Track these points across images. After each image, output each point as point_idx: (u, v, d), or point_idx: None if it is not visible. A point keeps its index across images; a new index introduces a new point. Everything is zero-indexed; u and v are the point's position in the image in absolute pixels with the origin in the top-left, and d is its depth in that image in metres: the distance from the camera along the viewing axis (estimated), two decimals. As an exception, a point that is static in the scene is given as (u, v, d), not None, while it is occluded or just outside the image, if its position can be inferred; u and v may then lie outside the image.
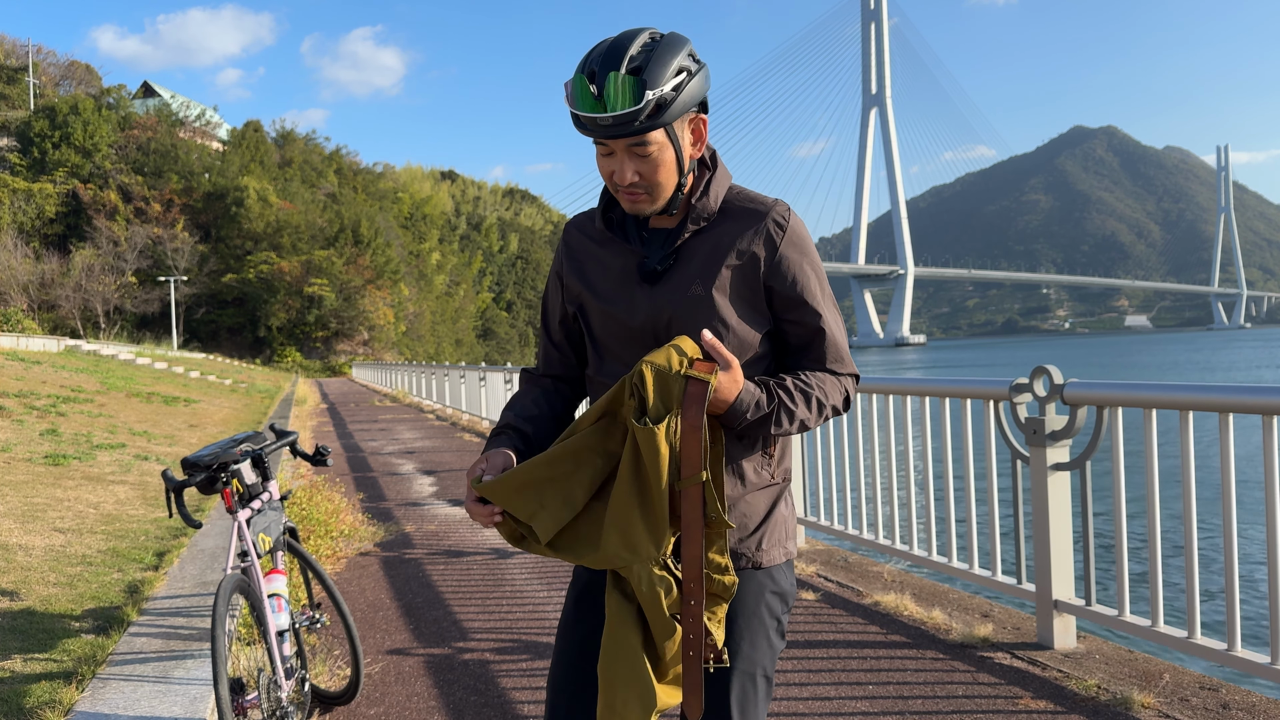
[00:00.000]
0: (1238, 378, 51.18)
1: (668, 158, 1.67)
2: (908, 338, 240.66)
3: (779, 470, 1.82)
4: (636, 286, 1.75)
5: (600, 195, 1.83)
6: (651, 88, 1.57)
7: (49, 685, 3.55)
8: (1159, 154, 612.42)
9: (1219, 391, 3.34)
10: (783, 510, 1.82)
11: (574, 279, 1.84)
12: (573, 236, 1.88)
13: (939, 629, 4.20)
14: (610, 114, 1.58)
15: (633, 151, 1.65)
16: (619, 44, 1.60)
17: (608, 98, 1.57)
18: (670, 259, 1.74)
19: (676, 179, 1.70)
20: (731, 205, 1.76)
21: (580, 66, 1.62)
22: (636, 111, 1.57)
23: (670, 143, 1.66)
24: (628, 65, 1.58)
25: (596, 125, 1.61)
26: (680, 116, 1.65)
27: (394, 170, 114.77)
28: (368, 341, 72.74)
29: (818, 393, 1.73)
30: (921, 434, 4.85)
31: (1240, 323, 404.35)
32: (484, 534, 6.86)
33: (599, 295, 1.79)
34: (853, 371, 1.81)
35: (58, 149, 69.96)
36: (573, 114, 1.63)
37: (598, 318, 1.81)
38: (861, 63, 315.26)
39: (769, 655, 1.78)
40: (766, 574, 1.78)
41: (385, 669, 3.98)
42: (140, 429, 13.91)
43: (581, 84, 1.60)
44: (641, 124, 1.59)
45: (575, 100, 1.61)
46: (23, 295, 56.90)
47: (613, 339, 1.79)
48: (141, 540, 6.43)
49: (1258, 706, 3.22)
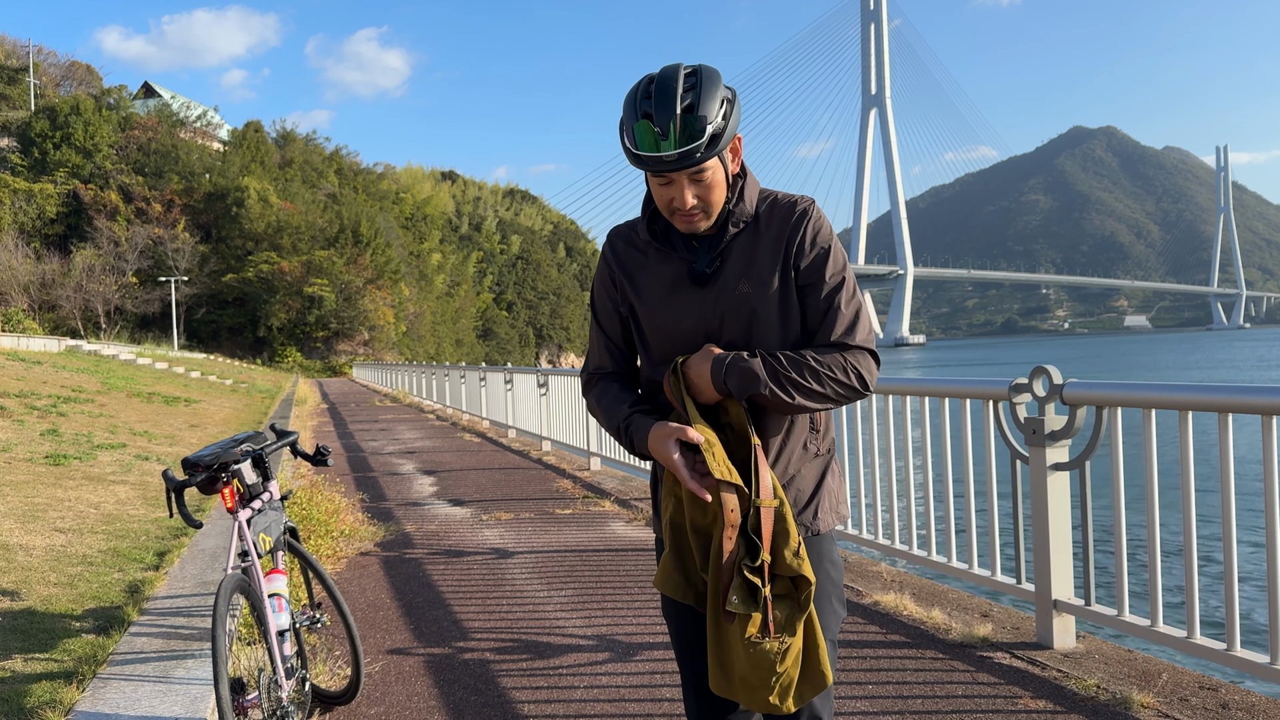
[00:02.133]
0: (1237, 377, 51.17)
1: (719, 179, 1.85)
2: (907, 338, 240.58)
3: (824, 442, 1.98)
4: (688, 290, 1.91)
5: (643, 206, 1.98)
6: (709, 123, 1.75)
7: (49, 685, 3.56)
8: (1158, 154, 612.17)
9: (1218, 391, 3.34)
10: (830, 481, 1.98)
11: (626, 286, 2.00)
12: (619, 247, 2.03)
13: (938, 629, 4.20)
14: (675, 151, 1.75)
15: (692, 179, 1.81)
16: (666, 85, 1.76)
17: (671, 137, 1.74)
18: (716, 261, 1.90)
19: (725, 195, 1.88)
20: (764, 206, 1.93)
21: (634, 111, 1.78)
22: (698, 146, 1.75)
23: (721, 165, 1.84)
24: (682, 105, 1.74)
25: (662, 163, 1.76)
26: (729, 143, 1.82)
27: (394, 170, 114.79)
28: (368, 342, 72.73)
29: (813, 362, 1.82)
30: (921, 434, 4.85)
31: (1240, 323, 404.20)
32: (484, 534, 6.87)
33: (650, 301, 1.95)
34: (864, 346, 1.87)
35: (58, 149, 69.96)
36: (634, 155, 1.79)
37: (649, 322, 1.97)
38: (861, 63, 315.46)
39: (835, 621, 1.95)
40: (823, 542, 1.96)
41: (385, 669, 3.99)
42: (141, 429, 13.91)
43: (645, 128, 1.76)
44: (702, 155, 1.77)
45: (639, 143, 1.77)
46: (23, 295, 56.92)
47: (665, 340, 1.95)
48: (142, 540, 6.43)
49: (1257, 706, 3.23)
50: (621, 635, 4.29)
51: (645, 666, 3.85)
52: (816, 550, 1.93)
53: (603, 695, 3.58)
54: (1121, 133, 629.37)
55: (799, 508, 1.93)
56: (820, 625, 1.87)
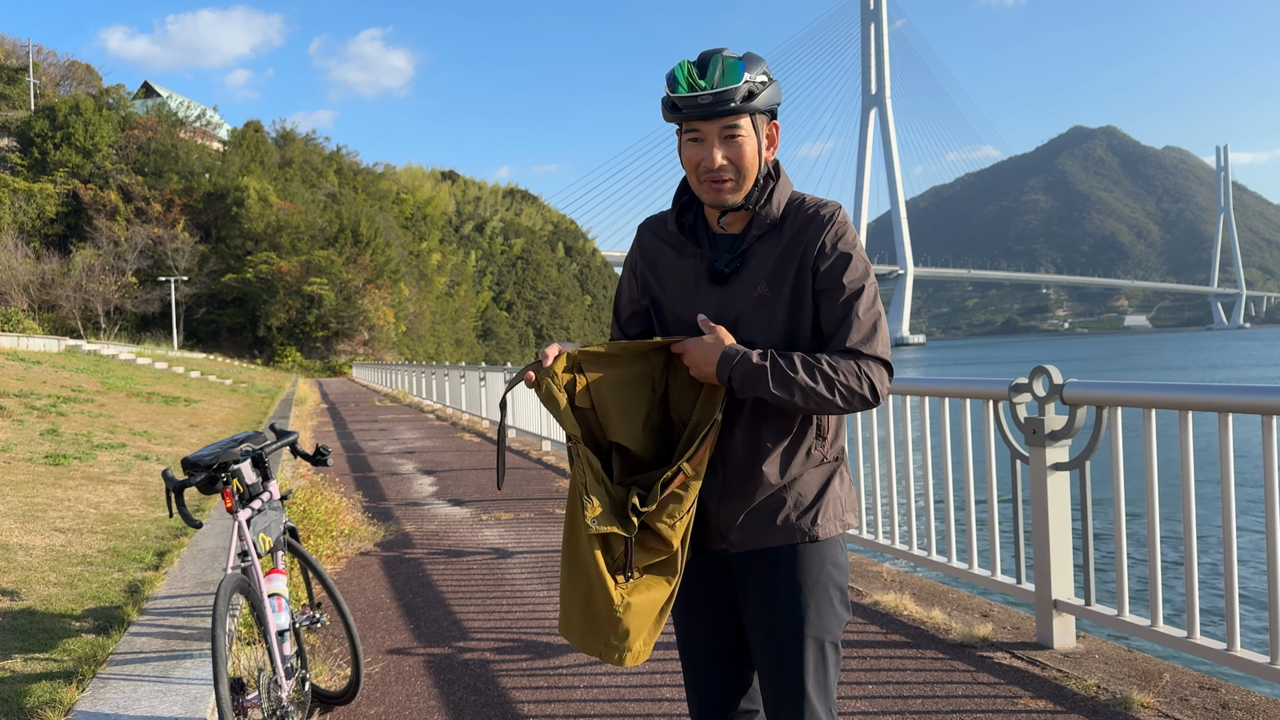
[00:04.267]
0: (1237, 377, 51.16)
1: (751, 148, 1.84)
2: (907, 338, 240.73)
3: (832, 449, 1.96)
4: (707, 287, 1.92)
5: (674, 199, 2.00)
6: (749, 74, 1.79)
7: (49, 685, 3.55)
8: (1159, 154, 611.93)
9: (1218, 391, 3.34)
10: (837, 487, 1.96)
11: (649, 277, 2.01)
12: (646, 238, 2.05)
13: (939, 629, 4.20)
14: (712, 91, 1.77)
15: (723, 135, 1.82)
16: (714, 50, 1.82)
17: (710, 76, 1.77)
18: (736, 261, 1.90)
19: (756, 171, 1.87)
20: (791, 210, 1.92)
21: (679, 64, 1.83)
22: (735, 90, 1.77)
23: (754, 134, 1.84)
24: (725, 55, 1.79)
25: (697, 104, 1.78)
26: (764, 111, 1.85)
27: (394, 170, 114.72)
28: (368, 341, 72.69)
29: (825, 367, 1.80)
30: (921, 434, 4.85)
31: (1240, 323, 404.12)
32: (484, 534, 6.87)
33: (671, 295, 1.97)
34: (878, 355, 1.85)
35: (58, 149, 69.91)
36: (670, 100, 1.81)
37: (670, 315, 1.97)
38: (861, 63, 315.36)
39: (836, 623, 1.91)
40: (824, 546, 1.92)
41: (385, 669, 3.99)
42: (140, 429, 13.91)
43: (685, 67, 1.80)
44: (738, 104, 1.78)
45: (678, 83, 1.80)
46: (23, 295, 56.91)
47: (681, 334, 1.94)
48: (142, 540, 6.43)
49: (1257, 706, 3.23)
50: (621, 635, 4.28)
51: (645, 666, 3.85)
52: (817, 554, 1.91)
53: (603, 695, 3.57)
54: (1122, 132, 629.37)
55: (799, 512, 1.90)
56: (821, 627, 1.87)
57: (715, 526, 1.91)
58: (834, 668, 1.89)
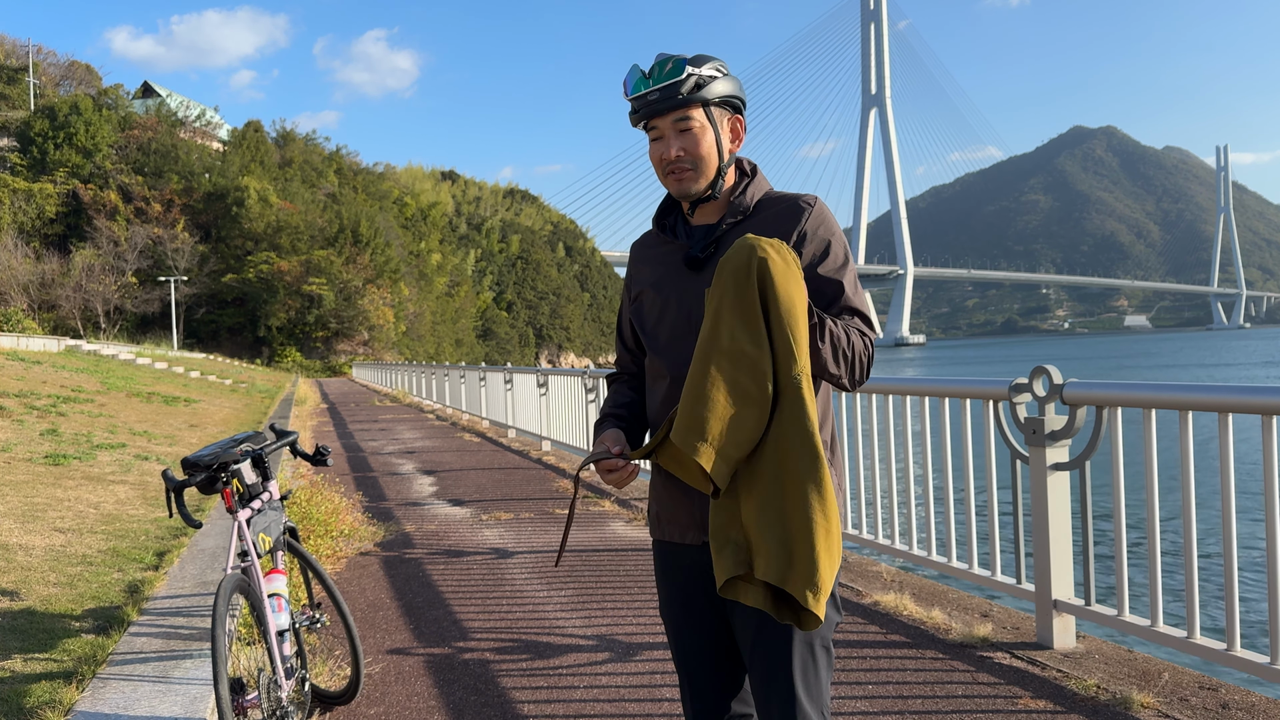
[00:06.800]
0: (1244, 375, 51.16)
1: (707, 138, 1.90)
2: (907, 338, 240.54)
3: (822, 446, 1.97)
4: (684, 273, 1.96)
5: (658, 208, 2.08)
6: (692, 68, 1.86)
7: (49, 685, 3.55)
8: (1159, 154, 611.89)
9: (1218, 391, 3.34)
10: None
11: (637, 282, 2.07)
12: (636, 252, 2.13)
13: (938, 629, 4.20)
14: (658, 86, 1.86)
15: (678, 129, 1.89)
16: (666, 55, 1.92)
17: (654, 75, 1.87)
18: (710, 248, 1.94)
19: (717, 162, 1.92)
20: (768, 201, 1.97)
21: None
22: (679, 83, 1.85)
23: (710, 126, 1.90)
24: (672, 56, 1.88)
25: (645, 101, 1.87)
26: (717, 103, 1.90)
27: (395, 170, 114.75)
28: (368, 341, 72.71)
29: (839, 328, 1.81)
30: (921, 434, 4.85)
31: (1240, 323, 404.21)
32: (484, 534, 6.87)
33: (654, 286, 2.02)
34: (869, 332, 1.90)
35: (58, 149, 69.96)
36: (630, 104, 1.90)
37: (651, 306, 2.01)
38: (861, 63, 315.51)
39: (827, 625, 1.89)
40: None
41: (385, 669, 3.99)
42: (140, 429, 13.91)
43: (635, 71, 1.90)
44: (683, 97, 1.85)
45: (630, 86, 1.89)
46: (23, 295, 56.93)
47: (657, 323, 1.99)
48: (142, 540, 6.43)
49: (1257, 706, 3.23)
50: (621, 635, 4.29)
51: (645, 666, 3.85)
52: None
53: (603, 695, 3.57)
54: (1122, 132, 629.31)
55: None
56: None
57: (705, 524, 1.90)
58: (825, 669, 1.87)
